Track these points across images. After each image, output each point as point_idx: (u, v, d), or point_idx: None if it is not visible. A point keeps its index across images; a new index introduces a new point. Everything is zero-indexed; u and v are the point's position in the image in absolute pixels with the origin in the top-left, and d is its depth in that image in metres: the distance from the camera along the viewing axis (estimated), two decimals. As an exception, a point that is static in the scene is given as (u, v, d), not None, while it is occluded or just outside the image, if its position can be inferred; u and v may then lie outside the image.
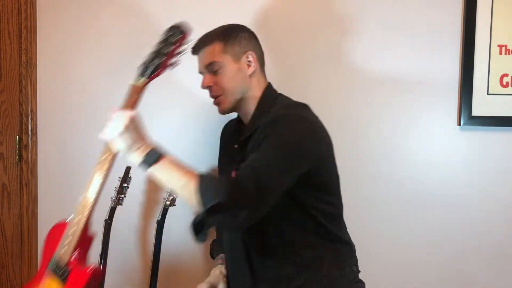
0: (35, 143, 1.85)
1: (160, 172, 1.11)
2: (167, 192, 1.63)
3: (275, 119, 1.23)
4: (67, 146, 1.85)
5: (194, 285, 1.85)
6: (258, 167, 1.11)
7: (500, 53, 1.72)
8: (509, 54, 1.72)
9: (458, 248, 1.79)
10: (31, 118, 1.84)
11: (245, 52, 1.34)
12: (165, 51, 1.18)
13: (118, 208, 1.62)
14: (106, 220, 1.60)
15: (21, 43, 1.82)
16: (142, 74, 1.19)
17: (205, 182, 1.08)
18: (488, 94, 1.74)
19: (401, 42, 1.75)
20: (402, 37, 1.75)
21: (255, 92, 1.36)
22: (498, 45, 1.72)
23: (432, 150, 1.77)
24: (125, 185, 1.63)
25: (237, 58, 1.33)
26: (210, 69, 1.33)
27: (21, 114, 1.84)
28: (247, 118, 1.38)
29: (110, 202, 1.62)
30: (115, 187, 1.63)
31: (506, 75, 1.73)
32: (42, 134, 1.85)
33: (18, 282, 1.87)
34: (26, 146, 1.84)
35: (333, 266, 1.28)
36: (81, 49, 1.83)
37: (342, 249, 1.33)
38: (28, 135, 1.83)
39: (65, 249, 1.19)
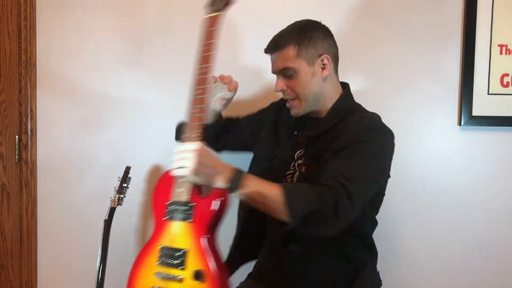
0: (34, 143, 1.85)
1: (247, 192, 1.11)
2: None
3: (371, 128, 1.22)
4: (67, 146, 1.84)
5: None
6: (350, 178, 1.11)
7: (501, 53, 1.72)
8: (509, 54, 1.72)
9: (458, 248, 1.78)
10: (31, 118, 1.83)
11: (320, 56, 1.28)
12: None
13: (118, 208, 1.62)
14: (105, 220, 1.60)
15: (20, 43, 1.81)
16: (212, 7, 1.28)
17: (291, 193, 1.10)
18: (488, 94, 1.74)
19: (401, 42, 1.75)
20: (402, 37, 1.75)
21: (331, 94, 1.33)
22: (499, 45, 1.72)
23: (432, 150, 1.77)
24: (125, 185, 1.63)
25: (311, 62, 1.27)
26: (283, 73, 1.28)
27: (20, 114, 1.83)
28: (317, 114, 1.35)
29: (110, 202, 1.62)
30: (115, 187, 1.62)
31: (507, 75, 1.73)
32: (41, 134, 1.85)
33: (17, 282, 1.87)
34: (26, 146, 1.83)
35: None
36: (80, 49, 1.82)
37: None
38: (28, 135, 1.83)
39: (181, 190, 1.15)
